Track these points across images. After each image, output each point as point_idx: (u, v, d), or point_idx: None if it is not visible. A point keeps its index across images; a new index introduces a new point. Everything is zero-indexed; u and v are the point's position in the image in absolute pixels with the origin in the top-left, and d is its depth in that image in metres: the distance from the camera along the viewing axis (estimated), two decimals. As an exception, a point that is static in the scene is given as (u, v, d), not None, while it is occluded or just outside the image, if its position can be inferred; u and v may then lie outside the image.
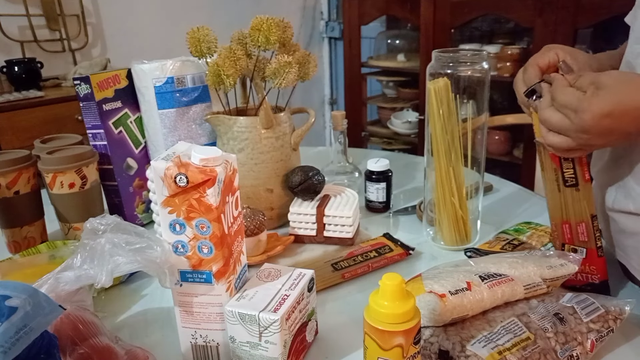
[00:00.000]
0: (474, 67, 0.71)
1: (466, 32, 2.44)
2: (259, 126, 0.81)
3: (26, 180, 0.78)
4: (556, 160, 0.59)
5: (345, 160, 1.00)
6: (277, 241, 0.80)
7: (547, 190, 0.62)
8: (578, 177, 0.59)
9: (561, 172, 0.59)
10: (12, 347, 0.37)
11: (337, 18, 3.11)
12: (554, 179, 0.60)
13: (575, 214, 0.60)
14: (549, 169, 0.61)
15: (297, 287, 0.53)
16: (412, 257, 0.77)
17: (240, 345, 0.51)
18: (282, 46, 0.82)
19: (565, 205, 0.61)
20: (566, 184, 0.60)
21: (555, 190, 0.61)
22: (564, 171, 0.59)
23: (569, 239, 0.62)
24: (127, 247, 0.49)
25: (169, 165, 0.48)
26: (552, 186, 0.61)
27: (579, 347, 0.50)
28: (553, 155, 0.59)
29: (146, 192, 0.90)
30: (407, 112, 2.65)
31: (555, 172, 0.60)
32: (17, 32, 2.01)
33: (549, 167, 0.60)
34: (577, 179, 0.59)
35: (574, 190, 0.59)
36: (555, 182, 0.61)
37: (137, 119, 0.89)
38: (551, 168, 0.60)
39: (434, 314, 0.50)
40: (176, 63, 0.85)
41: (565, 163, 0.59)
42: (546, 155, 0.60)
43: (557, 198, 0.61)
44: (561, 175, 0.60)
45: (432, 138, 0.73)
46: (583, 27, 1.92)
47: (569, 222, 0.61)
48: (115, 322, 0.64)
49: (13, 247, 0.80)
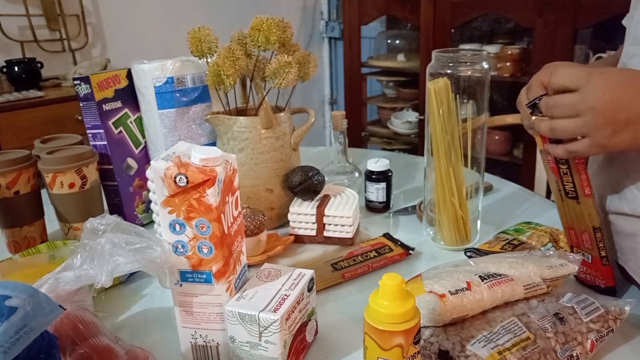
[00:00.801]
0: (474, 67, 0.71)
1: (466, 32, 2.44)
2: (259, 126, 0.81)
3: (26, 180, 0.78)
4: (556, 172, 0.59)
5: (345, 160, 1.00)
6: (277, 241, 0.80)
7: (554, 196, 0.63)
8: (578, 191, 0.58)
9: (562, 184, 0.59)
10: (12, 347, 0.37)
11: (337, 18, 3.11)
12: (557, 189, 0.61)
13: (578, 223, 0.61)
14: (552, 179, 0.61)
15: (297, 287, 0.53)
16: (412, 257, 0.77)
17: (240, 345, 0.51)
18: (282, 46, 0.82)
19: (569, 213, 0.62)
20: (567, 196, 0.60)
21: (559, 199, 0.62)
22: (565, 184, 0.59)
23: (575, 244, 0.63)
24: (127, 247, 0.49)
25: (169, 165, 0.48)
26: (557, 194, 0.62)
27: (579, 347, 0.50)
28: (554, 167, 0.59)
29: (146, 192, 0.90)
30: (407, 112, 2.65)
31: (556, 183, 0.60)
32: (17, 32, 2.01)
33: (552, 177, 0.61)
34: (577, 192, 0.59)
35: (575, 202, 0.59)
36: (558, 192, 0.61)
37: (137, 119, 0.89)
38: (553, 179, 0.60)
39: (433, 314, 0.50)
40: (176, 63, 0.85)
41: (564, 177, 0.58)
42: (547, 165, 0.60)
43: (562, 205, 0.62)
44: (562, 186, 0.60)
45: (432, 138, 0.73)
46: (583, 27, 1.92)
47: (574, 229, 0.62)
48: (115, 322, 0.64)
49: (13, 247, 0.80)
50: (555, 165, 0.58)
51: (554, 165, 0.59)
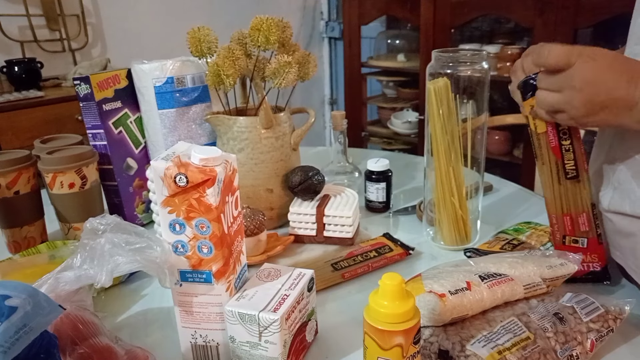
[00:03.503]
0: (474, 67, 0.71)
1: (466, 32, 2.44)
2: (259, 126, 0.81)
3: (26, 180, 0.78)
4: (557, 152, 0.59)
5: (345, 160, 1.00)
6: (277, 241, 0.80)
7: (546, 184, 0.63)
8: (579, 168, 0.59)
9: (562, 164, 0.60)
10: (12, 346, 0.37)
11: (337, 18, 3.11)
12: (555, 172, 0.61)
13: (575, 205, 0.61)
14: (550, 161, 0.61)
15: (297, 287, 0.53)
16: (412, 257, 0.77)
17: (240, 345, 0.51)
18: (281, 46, 0.82)
19: (566, 198, 0.62)
20: (567, 176, 0.60)
21: (556, 184, 0.61)
22: (566, 162, 0.60)
23: (570, 231, 0.63)
24: (127, 247, 0.49)
25: (169, 165, 0.48)
26: (553, 179, 0.62)
27: (579, 347, 0.50)
28: (555, 146, 0.59)
29: (146, 192, 0.90)
30: (407, 112, 2.65)
31: (556, 164, 0.60)
32: (17, 32, 2.01)
33: (550, 160, 0.61)
34: (577, 169, 0.59)
35: (574, 182, 0.60)
36: (556, 175, 0.61)
37: (137, 119, 0.89)
38: (552, 161, 0.60)
39: (433, 314, 0.50)
40: (176, 63, 0.85)
41: (566, 154, 0.59)
42: (547, 149, 0.60)
43: (557, 191, 0.62)
44: (562, 167, 0.60)
45: (432, 138, 0.73)
46: (583, 27, 1.92)
47: (570, 214, 0.62)
48: (115, 322, 0.64)
49: (13, 247, 0.80)
50: (558, 143, 0.59)
51: (556, 144, 0.59)
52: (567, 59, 0.51)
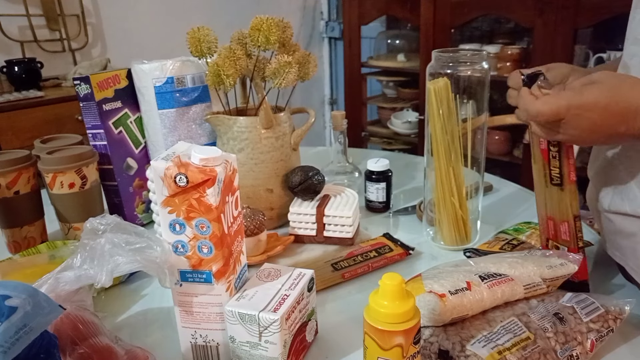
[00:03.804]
0: (474, 67, 0.71)
1: (466, 32, 2.44)
2: (259, 126, 0.81)
3: (26, 180, 0.78)
4: (545, 156, 0.59)
5: (345, 160, 1.00)
6: (277, 241, 0.80)
7: (536, 183, 0.62)
8: (563, 177, 0.58)
9: (548, 169, 0.59)
10: (12, 346, 0.37)
11: (337, 18, 3.11)
12: (543, 174, 0.60)
13: (560, 212, 0.60)
14: (538, 164, 0.61)
15: (297, 287, 0.53)
16: (412, 257, 0.77)
17: (240, 345, 0.51)
18: (281, 46, 0.82)
19: (550, 202, 0.61)
20: (552, 182, 0.60)
21: (543, 185, 0.61)
22: (551, 169, 0.59)
23: (552, 235, 0.62)
24: (127, 247, 0.49)
25: (169, 165, 0.48)
26: (541, 180, 0.61)
27: (579, 347, 0.50)
28: (544, 149, 0.59)
29: (146, 192, 0.90)
30: (407, 112, 2.65)
31: (544, 167, 0.60)
32: (17, 32, 2.01)
33: (539, 160, 0.60)
34: (562, 178, 0.58)
35: (558, 189, 0.59)
36: (543, 177, 0.61)
37: (137, 119, 0.89)
38: (541, 162, 0.60)
39: (433, 314, 0.50)
40: (176, 63, 0.85)
41: (552, 161, 0.58)
42: (538, 148, 0.60)
43: (543, 193, 0.62)
44: (549, 171, 0.59)
45: (432, 138, 0.73)
46: (583, 27, 1.92)
47: (554, 219, 0.61)
48: (115, 322, 0.64)
49: (13, 247, 0.80)
50: (547, 147, 0.58)
51: (544, 147, 0.58)
52: (556, 117, 0.52)
